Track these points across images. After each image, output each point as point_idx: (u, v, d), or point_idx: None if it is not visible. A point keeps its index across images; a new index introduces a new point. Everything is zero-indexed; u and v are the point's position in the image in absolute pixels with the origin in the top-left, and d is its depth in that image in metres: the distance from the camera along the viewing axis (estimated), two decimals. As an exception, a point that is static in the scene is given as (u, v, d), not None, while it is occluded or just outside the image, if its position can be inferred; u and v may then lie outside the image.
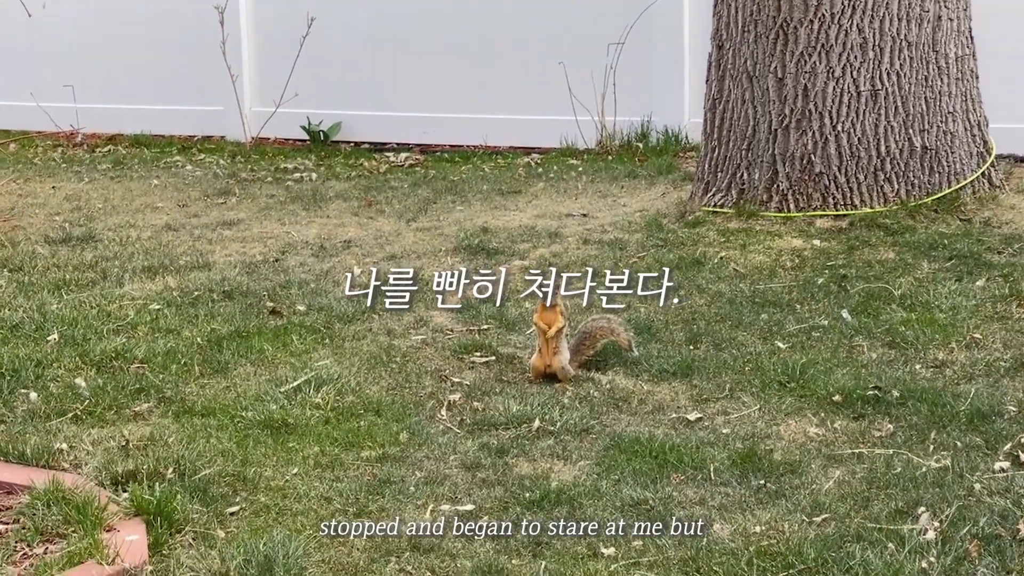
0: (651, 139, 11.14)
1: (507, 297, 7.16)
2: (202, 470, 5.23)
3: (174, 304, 7.22)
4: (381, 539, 4.80)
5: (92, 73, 12.56)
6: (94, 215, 9.26)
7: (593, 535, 4.79)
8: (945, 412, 5.70)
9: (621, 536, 4.78)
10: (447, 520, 4.90)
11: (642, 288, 6.38)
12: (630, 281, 6.27)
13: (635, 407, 5.93)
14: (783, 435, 5.61)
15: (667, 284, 6.37)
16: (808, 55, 8.08)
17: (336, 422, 5.78)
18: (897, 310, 6.84)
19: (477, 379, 6.23)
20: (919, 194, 8.19)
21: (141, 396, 6.03)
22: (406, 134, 12.06)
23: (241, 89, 12.17)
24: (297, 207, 9.38)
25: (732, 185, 8.37)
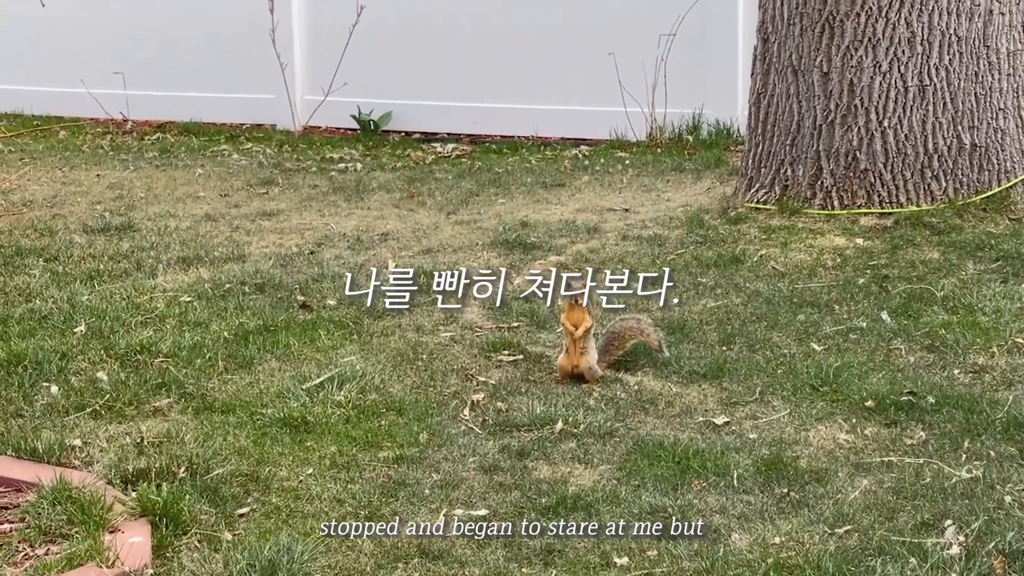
0: (702, 132, 10.99)
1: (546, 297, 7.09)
2: (215, 469, 5.16)
3: (205, 297, 7.16)
4: (390, 544, 4.71)
5: (143, 60, 12.56)
6: (135, 204, 9.23)
7: (610, 537, 4.68)
8: (981, 420, 5.53)
9: (634, 544, 4.67)
10: (459, 525, 4.80)
11: (642, 288, 6.25)
12: (630, 281, 6.15)
13: (662, 410, 5.80)
14: (811, 441, 5.46)
15: (667, 284, 6.23)
16: (854, 49, 7.90)
17: (357, 421, 5.70)
18: (939, 312, 6.67)
19: (503, 378, 6.12)
20: (967, 192, 8.00)
21: (162, 391, 5.97)
22: (456, 124, 11.97)
23: (292, 77, 12.13)
24: (339, 198, 9.31)
25: (776, 181, 8.21)
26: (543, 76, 11.61)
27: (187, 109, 12.39)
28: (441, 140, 11.67)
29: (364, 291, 6.42)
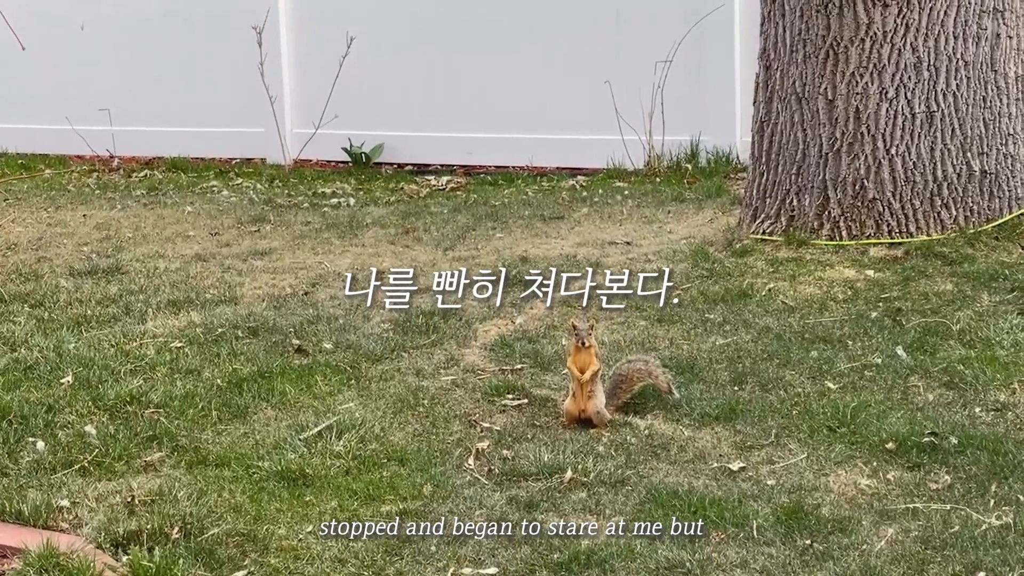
0: (700, 159, 10.79)
1: (543, 335, 6.87)
2: (210, 529, 4.92)
3: (196, 342, 6.93)
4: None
5: (129, 96, 12.32)
6: (123, 245, 8.99)
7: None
8: (1007, 461, 5.31)
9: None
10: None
11: (642, 288, 6.10)
12: (630, 281, 6.00)
13: (675, 455, 5.57)
14: (832, 487, 5.24)
15: (666, 284, 6.10)
16: (860, 76, 7.70)
17: (357, 472, 5.46)
18: (955, 346, 6.45)
19: (508, 424, 5.89)
20: (978, 220, 7.79)
21: (154, 444, 5.73)
22: (450, 155, 11.76)
23: (281, 110, 11.91)
24: (332, 235, 9.09)
25: (781, 212, 8.00)
26: (537, 104, 11.41)
27: (175, 145, 12.16)
28: (435, 172, 11.45)
29: (363, 291, 6.28)
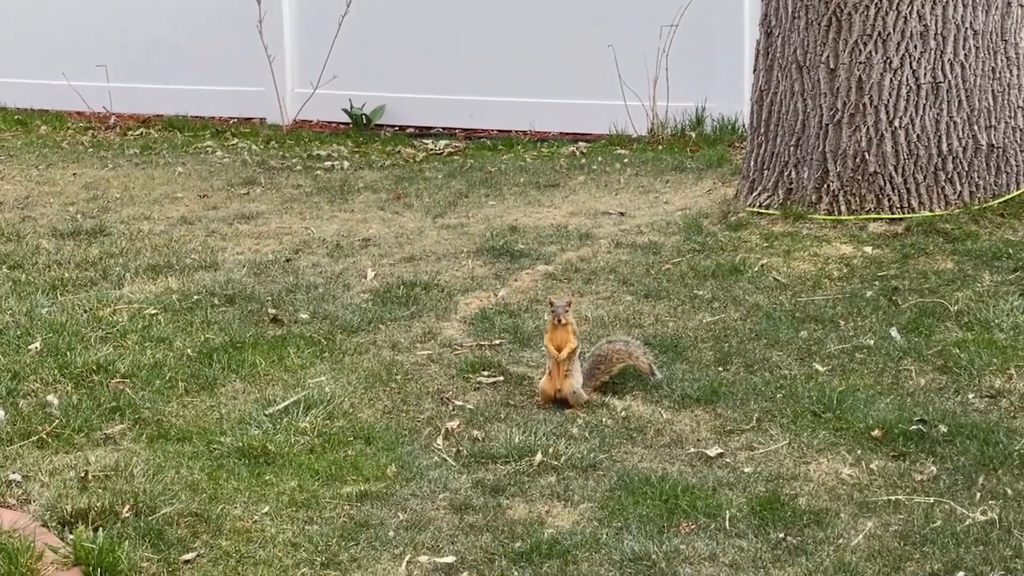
0: (705, 127, 10.53)
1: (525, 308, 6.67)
2: (163, 508, 4.74)
3: (171, 309, 6.74)
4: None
5: (127, 52, 12.08)
6: (109, 206, 8.80)
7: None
8: (997, 452, 5.10)
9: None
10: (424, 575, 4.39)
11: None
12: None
13: (651, 439, 5.36)
14: (812, 476, 5.03)
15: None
16: (863, 44, 7.43)
17: (321, 451, 5.27)
18: (952, 329, 6.22)
19: (481, 402, 5.69)
20: (984, 196, 7.53)
21: (116, 416, 5.55)
22: (452, 118, 11.52)
23: (281, 70, 11.67)
24: (322, 199, 8.88)
25: (779, 184, 7.75)
26: (541, 68, 11.15)
27: (174, 103, 11.94)
28: (435, 135, 11.22)
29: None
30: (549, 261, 7.31)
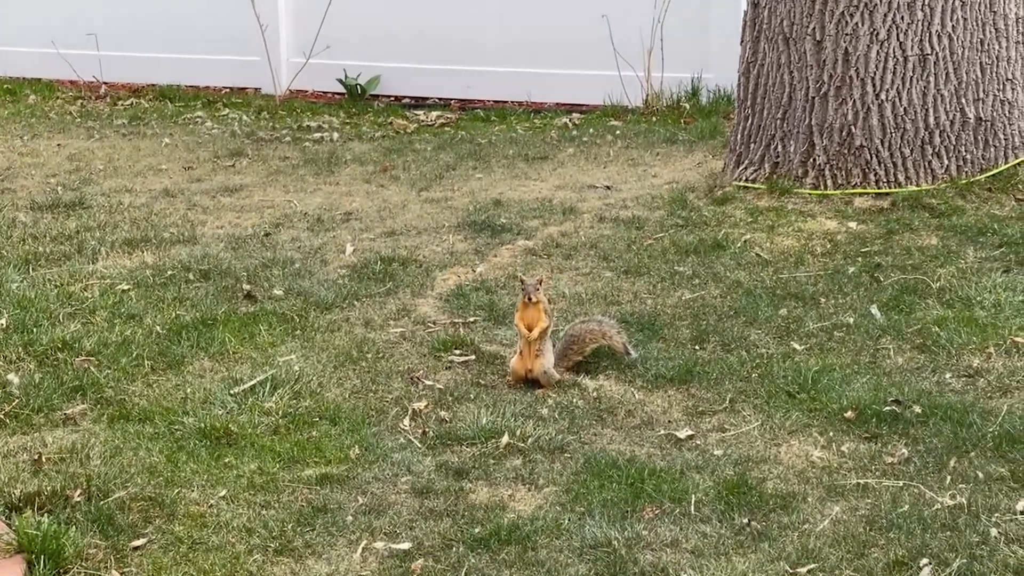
0: (701, 98, 10.41)
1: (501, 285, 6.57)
2: (116, 491, 4.66)
3: (144, 284, 6.66)
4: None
5: (119, 19, 11.97)
6: (92, 177, 8.72)
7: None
8: (970, 434, 5.00)
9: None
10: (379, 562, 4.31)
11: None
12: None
13: (621, 420, 5.27)
14: (782, 459, 4.93)
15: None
16: (849, 15, 7.30)
17: (285, 432, 5.19)
18: (933, 306, 6.12)
19: (451, 382, 5.60)
20: (971, 170, 7.41)
21: (78, 396, 5.47)
22: (448, 89, 11.41)
23: (275, 39, 11.55)
24: (308, 172, 8.78)
25: (765, 158, 7.63)
26: (537, 38, 11.03)
27: (167, 72, 11.85)
28: (430, 106, 11.11)
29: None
30: (530, 236, 7.21)
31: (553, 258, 6.89)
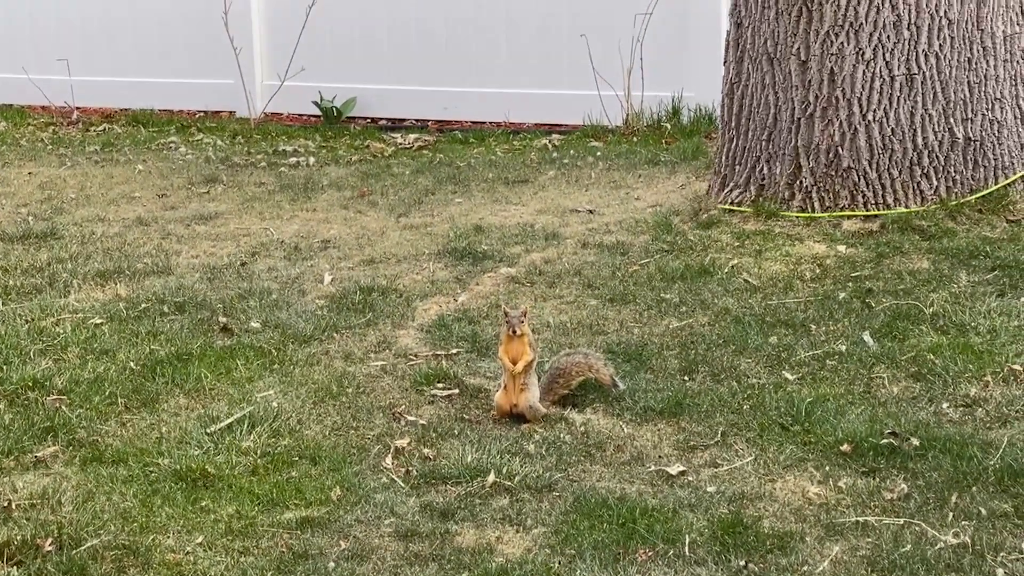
0: (682, 116, 10.29)
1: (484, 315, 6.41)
2: (88, 539, 4.48)
3: (117, 318, 6.48)
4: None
5: (91, 44, 11.82)
6: (64, 207, 8.54)
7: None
8: (971, 468, 4.85)
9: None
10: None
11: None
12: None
13: (610, 456, 5.11)
14: (777, 495, 4.78)
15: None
16: (835, 35, 7.18)
17: (264, 472, 5.02)
18: (927, 332, 5.98)
19: (435, 417, 5.44)
20: (961, 191, 7.28)
21: (49, 437, 5.29)
22: (425, 110, 11.27)
23: (249, 62, 11.42)
24: (284, 198, 8.62)
25: (751, 180, 7.50)
26: (514, 58, 10.91)
27: (140, 96, 11.69)
28: (407, 128, 10.96)
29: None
30: (513, 263, 7.05)
31: (536, 286, 6.74)
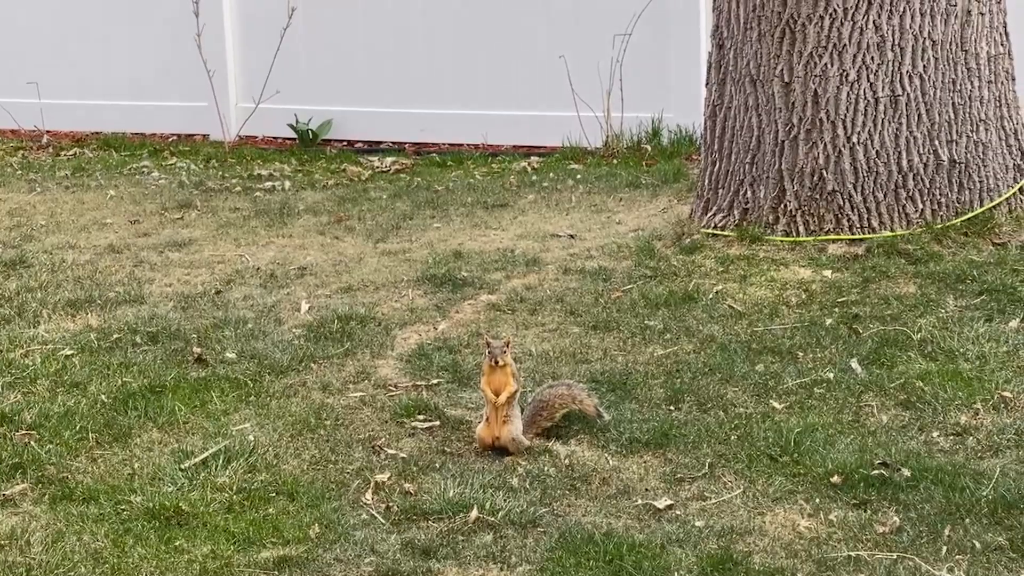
0: (663, 138, 10.18)
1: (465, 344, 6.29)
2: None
3: (88, 349, 6.34)
4: None
5: (61, 68, 11.64)
6: (33, 234, 8.38)
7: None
8: (963, 499, 4.74)
9: None
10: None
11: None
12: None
13: (596, 489, 4.99)
14: (767, 530, 4.66)
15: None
16: (818, 56, 7.08)
17: (240, 510, 4.88)
18: (915, 359, 5.87)
19: (415, 450, 5.31)
20: (947, 214, 7.19)
21: (18, 475, 5.14)
22: (402, 132, 11.13)
23: (223, 84, 11.26)
24: (259, 224, 8.47)
25: (734, 204, 7.39)
26: (492, 79, 10.78)
27: (111, 120, 11.51)
28: (384, 150, 10.82)
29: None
30: (493, 290, 6.93)
31: (518, 313, 6.62)
